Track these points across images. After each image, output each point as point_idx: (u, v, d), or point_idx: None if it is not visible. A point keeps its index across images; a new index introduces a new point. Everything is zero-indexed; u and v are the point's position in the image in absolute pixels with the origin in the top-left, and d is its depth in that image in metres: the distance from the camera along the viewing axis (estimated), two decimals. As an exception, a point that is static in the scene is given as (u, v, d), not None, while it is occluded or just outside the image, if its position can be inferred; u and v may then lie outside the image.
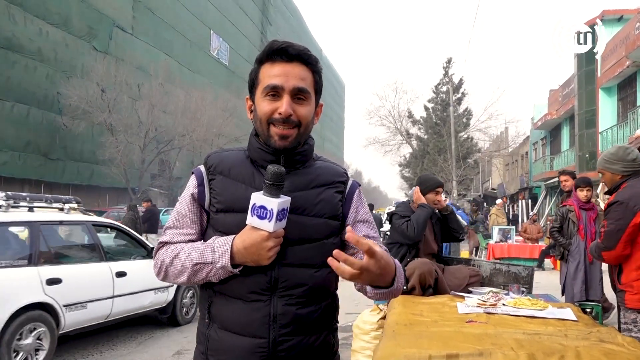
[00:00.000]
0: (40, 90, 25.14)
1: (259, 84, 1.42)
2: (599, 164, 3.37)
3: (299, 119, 1.38)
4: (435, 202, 4.25)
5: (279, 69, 1.38)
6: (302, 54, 1.40)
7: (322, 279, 1.41)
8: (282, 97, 1.37)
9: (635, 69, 18.02)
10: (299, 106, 1.39)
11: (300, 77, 1.39)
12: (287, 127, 1.37)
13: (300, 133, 1.40)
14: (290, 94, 1.37)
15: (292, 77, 1.37)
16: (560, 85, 27.88)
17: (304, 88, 1.39)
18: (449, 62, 36.63)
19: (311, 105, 1.43)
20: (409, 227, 3.97)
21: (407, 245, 4.06)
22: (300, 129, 1.40)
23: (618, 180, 3.22)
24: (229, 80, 43.76)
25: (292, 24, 63.07)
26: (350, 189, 1.50)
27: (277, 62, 1.39)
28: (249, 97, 1.48)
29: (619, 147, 3.36)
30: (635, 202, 2.98)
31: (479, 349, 2.26)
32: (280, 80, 1.37)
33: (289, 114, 1.36)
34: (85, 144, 27.58)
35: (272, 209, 1.26)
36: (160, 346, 5.84)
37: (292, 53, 1.39)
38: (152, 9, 33.95)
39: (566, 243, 5.42)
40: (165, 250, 1.44)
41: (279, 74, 1.37)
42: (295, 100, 1.38)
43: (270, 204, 1.27)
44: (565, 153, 27.02)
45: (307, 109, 1.41)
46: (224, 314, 1.39)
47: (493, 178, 43.69)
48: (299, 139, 1.41)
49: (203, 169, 1.47)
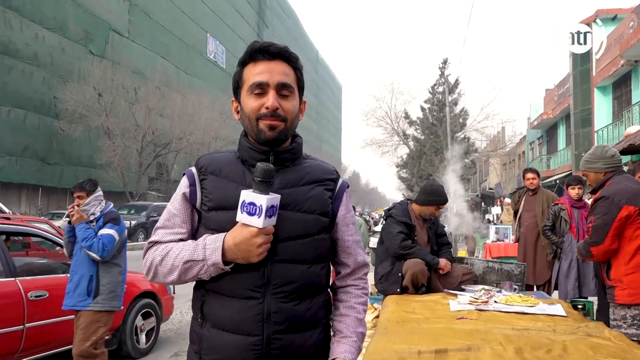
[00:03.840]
0: (37, 94, 25.13)
1: (243, 84, 1.46)
2: (581, 166, 3.43)
3: (285, 114, 1.42)
4: (432, 215, 4.31)
5: (263, 67, 1.43)
6: (283, 51, 1.45)
7: (314, 275, 1.44)
8: (268, 92, 1.41)
9: (629, 68, 18.11)
10: (284, 101, 1.43)
11: (283, 73, 1.44)
12: (276, 119, 1.41)
13: (287, 127, 1.44)
14: (275, 89, 1.41)
15: (276, 73, 1.42)
16: (555, 85, 27.97)
17: (288, 83, 1.44)
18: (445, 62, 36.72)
19: (295, 100, 1.47)
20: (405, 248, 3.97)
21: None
22: (287, 123, 1.44)
23: (602, 178, 3.29)
24: (225, 83, 43.74)
25: (288, 26, 63.13)
26: (340, 187, 1.54)
27: (260, 61, 1.43)
28: (235, 99, 1.52)
29: (597, 146, 3.45)
30: (620, 196, 3.04)
31: (467, 344, 2.31)
32: (264, 77, 1.41)
33: (276, 107, 1.40)
34: (83, 148, 27.58)
35: (261, 205, 1.29)
36: (157, 347, 5.87)
37: (273, 51, 1.44)
38: (148, 13, 33.97)
39: (559, 241, 5.47)
40: (155, 250, 1.45)
41: (263, 71, 1.42)
42: (280, 96, 1.42)
43: (259, 200, 1.30)
44: (561, 152, 27.10)
45: (292, 103, 1.45)
46: (217, 313, 1.40)
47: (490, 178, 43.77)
48: (286, 132, 1.44)
49: (194, 170, 1.50)
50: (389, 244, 4.03)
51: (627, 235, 3.06)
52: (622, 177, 3.22)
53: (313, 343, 1.44)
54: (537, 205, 6.08)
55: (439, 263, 4.03)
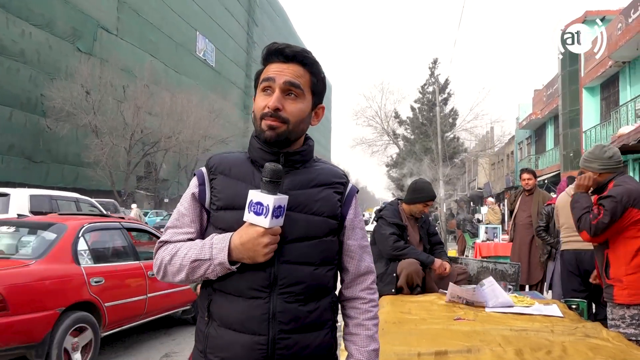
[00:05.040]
0: (23, 92, 24.84)
1: (259, 83, 1.46)
2: (581, 163, 3.44)
3: (287, 115, 1.40)
4: (421, 212, 4.23)
5: (276, 67, 1.43)
6: (298, 54, 1.43)
7: (321, 277, 1.43)
8: (274, 91, 1.40)
9: (617, 69, 18.29)
10: (288, 102, 1.40)
11: (294, 74, 1.42)
12: (276, 120, 1.39)
13: (290, 129, 1.41)
14: (281, 89, 1.40)
15: (286, 73, 1.41)
16: (544, 85, 28.19)
17: (296, 83, 1.41)
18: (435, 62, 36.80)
19: (304, 103, 1.44)
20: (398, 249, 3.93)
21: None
22: (289, 126, 1.41)
23: (600, 179, 3.27)
24: (215, 81, 43.62)
25: (278, 25, 63.02)
26: (350, 191, 1.52)
27: (275, 62, 1.43)
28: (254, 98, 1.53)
29: (597, 145, 3.43)
30: (626, 199, 3.02)
31: (467, 345, 2.28)
32: (273, 74, 1.41)
33: (276, 107, 1.38)
34: (70, 147, 27.30)
35: (268, 205, 1.29)
36: (148, 348, 5.80)
37: (288, 54, 1.42)
38: (137, 10, 33.72)
39: (554, 242, 5.47)
40: (164, 250, 1.46)
41: (274, 70, 1.42)
42: (286, 96, 1.41)
43: (266, 200, 1.29)
44: (549, 152, 27.32)
45: (297, 106, 1.42)
46: (224, 312, 1.39)
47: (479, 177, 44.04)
48: (288, 135, 1.42)
49: (204, 170, 1.49)
50: (382, 246, 3.99)
51: (629, 235, 3.05)
52: (626, 177, 3.20)
53: (319, 344, 1.43)
54: (533, 205, 6.10)
55: (433, 261, 3.99)
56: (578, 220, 3.22)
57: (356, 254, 1.53)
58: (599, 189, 3.28)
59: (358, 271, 1.54)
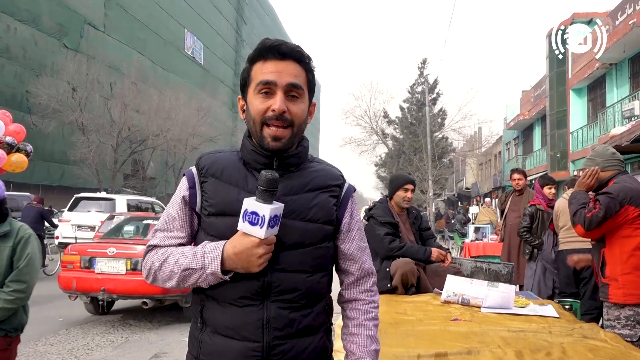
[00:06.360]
0: (8, 89, 24.44)
1: (251, 82, 1.39)
2: (584, 163, 3.46)
3: (292, 117, 1.35)
4: (405, 199, 4.19)
5: (272, 66, 1.35)
6: (294, 51, 1.38)
7: (315, 283, 1.39)
8: (276, 93, 1.34)
9: (604, 71, 18.48)
10: (292, 104, 1.36)
11: (293, 74, 1.37)
12: (281, 126, 1.34)
13: (294, 133, 1.37)
14: (284, 90, 1.34)
15: (285, 74, 1.35)
16: (532, 87, 28.42)
17: (298, 84, 1.37)
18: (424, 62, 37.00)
19: (304, 103, 1.40)
20: (395, 250, 3.91)
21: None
22: (294, 128, 1.37)
23: (602, 176, 3.28)
24: (203, 79, 43.30)
25: (267, 24, 62.77)
26: (346, 193, 1.47)
27: (270, 60, 1.36)
28: (241, 97, 1.45)
29: (600, 146, 3.47)
30: (623, 196, 3.04)
31: (466, 347, 2.26)
32: (273, 76, 1.34)
33: (283, 110, 1.33)
34: (56, 144, 26.89)
35: (264, 215, 1.24)
36: (138, 349, 5.73)
37: (285, 51, 1.36)
38: (124, 7, 33.33)
39: (539, 243, 5.48)
40: (154, 254, 1.41)
41: (272, 71, 1.35)
42: (288, 98, 1.35)
43: (262, 210, 1.24)
44: (537, 153, 27.54)
45: (300, 107, 1.38)
46: (217, 318, 1.36)
47: (467, 177, 44.30)
48: (293, 140, 1.38)
49: (195, 171, 1.43)
50: (378, 247, 3.96)
51: (625, 234, 3.06)
52: (626, 176, 3.22)
53: (314, 348, 1.40)
54: (523, 205, 6.13)
55: (431, 254, 3.99)
56: (574, 215, 3.25)
57: (356, 256, 1.49)
58: (598, 189, 3.29)
59: (359, 274, 1.50)
